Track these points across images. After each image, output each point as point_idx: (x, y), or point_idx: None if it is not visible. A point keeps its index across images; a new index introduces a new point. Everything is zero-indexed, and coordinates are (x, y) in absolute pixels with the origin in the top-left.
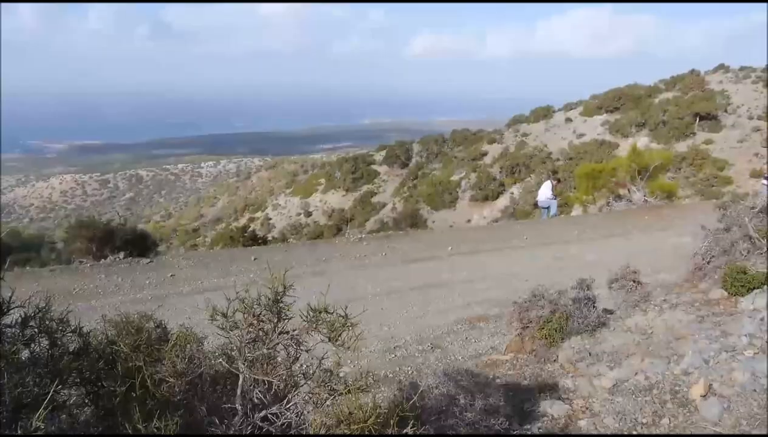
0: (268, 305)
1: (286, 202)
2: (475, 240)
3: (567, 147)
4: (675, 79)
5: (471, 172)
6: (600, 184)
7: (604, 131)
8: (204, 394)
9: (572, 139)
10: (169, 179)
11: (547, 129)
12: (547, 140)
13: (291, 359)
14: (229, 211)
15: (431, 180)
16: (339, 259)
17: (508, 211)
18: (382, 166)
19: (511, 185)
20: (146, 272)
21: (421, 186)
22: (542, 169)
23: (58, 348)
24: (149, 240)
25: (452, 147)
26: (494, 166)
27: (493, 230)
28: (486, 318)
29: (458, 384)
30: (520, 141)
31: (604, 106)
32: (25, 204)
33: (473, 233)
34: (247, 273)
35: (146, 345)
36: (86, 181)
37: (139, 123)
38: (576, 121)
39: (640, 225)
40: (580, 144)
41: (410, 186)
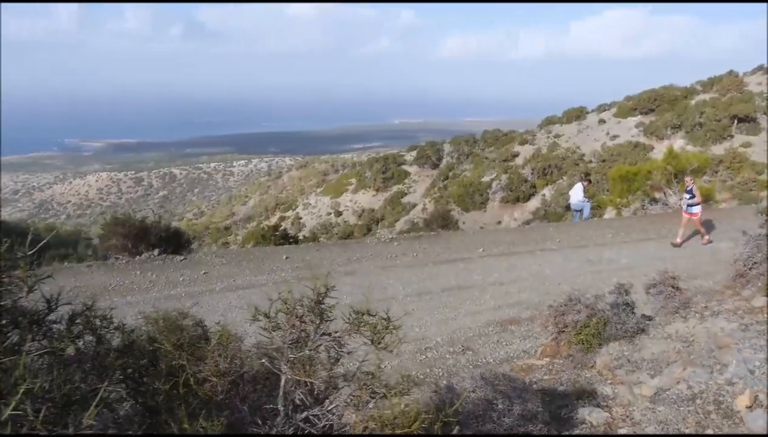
0: (310, 306)
1: (316, 201)
2: (507, 242)
3: (600, 148)
4: (712, 80)
5: (502, 173)
6: (635, 186)
7: (638, 133)
8: (245, 394)
9: (605, 140)
10: (202, 178)
11: (579, 130)
12: (580, 142)
13: (332, 361)
14: (260, 209)
15: (462, 181)
16: (370, 259)
17: (540, 213)
18: (412, 166)
19: (543, 187)
20: (180, 269)
21: (451, 187)
22: (574, 170)
23: (103, 345)
24: (183, 237)
25: (483, 147)
26: (525, 168)
27: (525, 232)
28: (518, 321)
29: (496, 388)
30: (552, 142)
31: (639, 108)
32: (63, 201)
33: (505, 235)
34: (279, 271)
35: (189, 343)
36: (121, 179)
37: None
38: (609, 122)
39: (676, 230)
40: (613, 146)
41: (441, 186)
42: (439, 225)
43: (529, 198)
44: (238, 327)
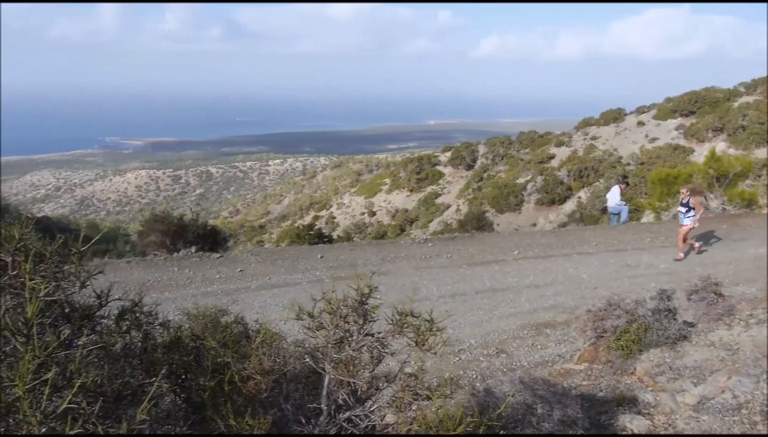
0: (353, 306)
1: (350, 201)
2: (543, 245)
3: (638, 151)
4: (756, 82)
5: (537, 174)
6: (675, 190)
7: (678, 135)
8: (288, 393)
9: (644, 143)
10: (238, 176)
11: (617, 132)
12: (618, 144)
13: (374, 361)
14: (295, 208)
15: (496, 182)
16: (404, 260)
17: (575, 216)
18: (446, 167)
19: (579, 189)
20: (216, 266)
21: (486, 188)
22: (611, 173)
23: (149, 341)
24: (219, 235)
25: (519, 149)
26: (561, 170)
27: (561, 235)
28: (553, 325)
29: (535, 392)
30: (588, 144)
31: (679, 110)
32: (103, 197)
33: (540, 237)
34: (314, 270)
35: (233, 341)
36: (160, 177)
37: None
38: (648, 124)
39: (717, 235)
40: (652, 148)
41: (475, 188)
42: (473, 226)
43: (564, 200)
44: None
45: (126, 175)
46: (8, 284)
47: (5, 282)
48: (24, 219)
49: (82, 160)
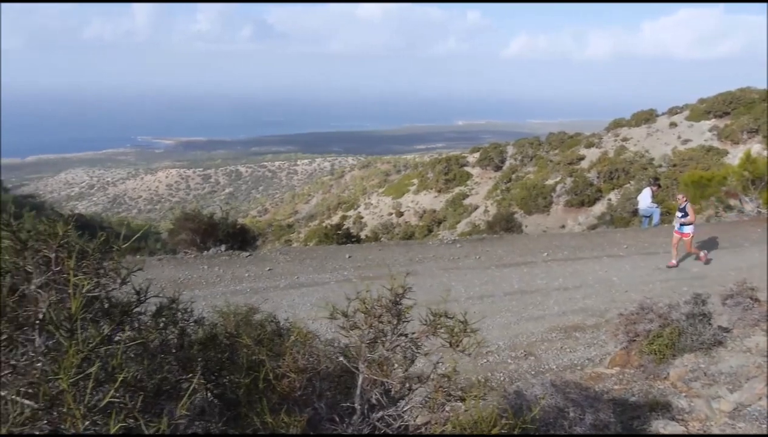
0: (387, 306)
1: (378, 201)
2: (572, 247)
3: (671, 153)
4: None
5: (567, 176)
6: (708, 192)
7: (711, 137)
8: (321, 391)
9: (676, 144)
10: (267, 176)
11: (649, 133)
12: (649, 145)
13: (407, 361)
14: (323, 208)
15: (525, 183)
16: (432, 260)
17: (605, 218)
18: (475, 167)
19: (609, 191)
20: (245, 265)
21: (514, 189)
22: (642, 175)
23: (186, 338)
24: (248, 234)
25: (548, 150)
26: (591, 171)
27: (591, 237)
28: (582, 328)
29: (567, 396)
30: (619, 145)
31: (713, 111)
32: (134, 196)
33: (570, 239)
34: (342, 270)
35: (268, 339)
36: (190, 176)
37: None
38: (681, 125)
39: (751, 238)
40: (684, 150)
41: (503, 189)
42: (502, 227)
43: (594, 202)
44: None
45: (157, 173)
46: (52, 279)
47: (49, 278)
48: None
49: (114, 158)
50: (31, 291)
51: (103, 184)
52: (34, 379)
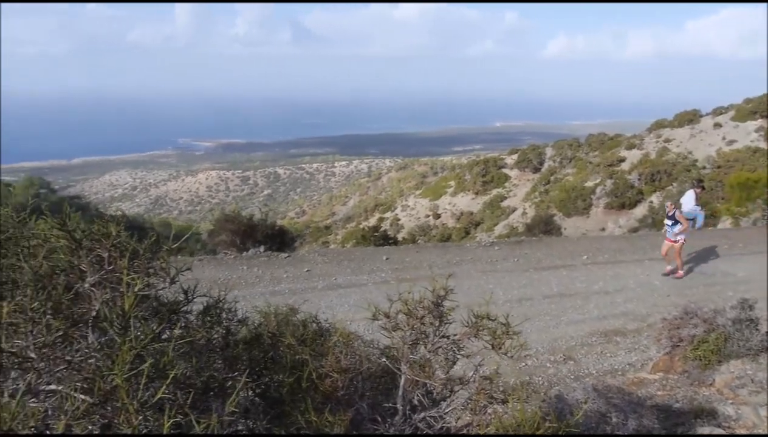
0: (429, 308)
1: (415, 203)
2: (612, 250)
3: (715, 154)
4: None
5: (607, 178)
6: (755, 194)
7: (758, 138)
8: (363, 391)
9: (721, 145)
10: (304, 177)
11: (692, 134)
12: (693, 146)
13: (449, 363)
14: (360, 210)
15: (564, 185)
16: (470, 263)
17: (647, 221)
18: (513, 169)
19: (651, 193)
20: (284, 266)
21: (553, 191)
22: (685, 177)
23: (232, 336)
24: (287, 235)
25: (587, 151)
26: (632, 173)
27: (632, 240)
28: (623, 333)
29: (609, 401)
30: (661, 147)
31: (760, 111)
32: (176, 197)
33: (610, 242)
34: (379, 272)
35: (311, 339)
36: (229, 177)
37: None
38: (726, 126)
39: None
40: (729, 151)
41: (542, 191)
42: (541, 230)
43: (635, 204)
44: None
45: (197, 175)
46: (104, 278)
47: (102, 277)
48: (119, 217)
49: (156, 160)
50: (85, 289)
51: (145, 186)
52: (88, 375)
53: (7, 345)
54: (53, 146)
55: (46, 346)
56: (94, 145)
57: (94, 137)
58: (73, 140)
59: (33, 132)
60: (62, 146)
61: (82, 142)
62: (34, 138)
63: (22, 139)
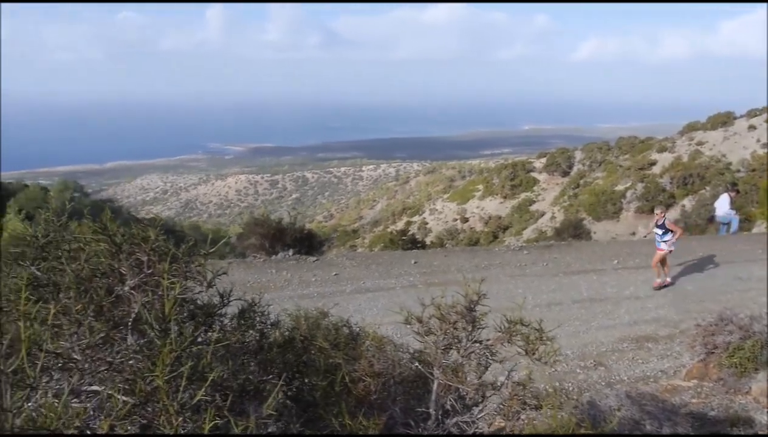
0: (462, 312)
1: (443, 206)
2: (644, 255)
3: (749, 157)
4: None
5: (638, 181)
6: None
7: None
8: (395, 396)
9: (756, 148)
10: (332, 181)
11: (726, 137)
12: (726, 149)
13: (482, 368)
14: (387, 213)
15: (594, 189)
16: (498, 267)
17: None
18: (541, 173)
19: (683, 197)
20: (312, 270)
21: (582, 195)
22: (719, 180)
23: (266, 340)
24: (315, 239)
25: (618, 155)
26: (664, 176)
27: None
28: (655, 339)
29: (642, 408)
30: (694, 150)
31: None
32: (205, 201)
33: (641, 246)
34: (407, 276)
35: (344, 343)
36: (258, 181)
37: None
38: (761, 128)
39: None
40: (764, 154)
41: (571, 195)
42: (570, 234)
43: (666, 208)
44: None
45: (227, 179)
46: (143, 282)
47: (141, 280)
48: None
49: (187, 164)
50: (125, 292)
51: (176, 189)
52: (129, 376)
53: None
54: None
55: (89, 348)
56: (126, 149)
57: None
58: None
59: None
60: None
61: (114, 147)
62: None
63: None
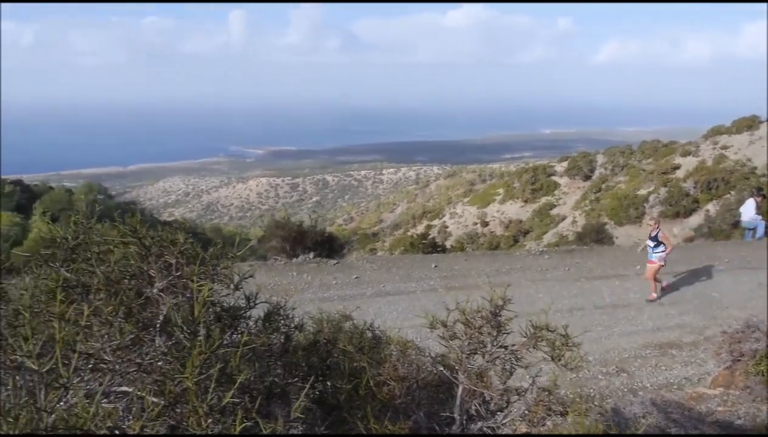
0: (487, 317)
1: (463, 210)
2: (668, 260)
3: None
4: None
5: (661, 186)
6: None
7: None
8: (420, 400)
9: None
10: (353, 184)
11: (751, 141)
12: (752, 154)
13: (507, 374)
14: (407, 217)
15: (616, 193)
16: (519, 271)
17: (702, 230)
18: (562, 177)
19: (707, 202)
20: (333, 273)
21: (604, 199)
22: (744, 185)
23: (290, 342)
24: (336, 242)
25: (640, 159)
26: (687, 181)
27: (687, 250)
28: (679, 346)
29: (668, 416)
30: (718, 154)
31: None
32: (227, 203)
33: None
34: (428, 280)
35: (369, 347)
36: (279, 184)
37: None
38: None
39: None
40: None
41: (592, 199)
42: (592, 239)
43: (690, 213)
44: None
45: (248, 182)
46: (172, 284)
47: (169, 282)
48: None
49: (208, 167)
50: (153, 294)
51: (197, 192)
52: (158, 377)
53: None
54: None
55: (119, 349)
56: (149, 152)
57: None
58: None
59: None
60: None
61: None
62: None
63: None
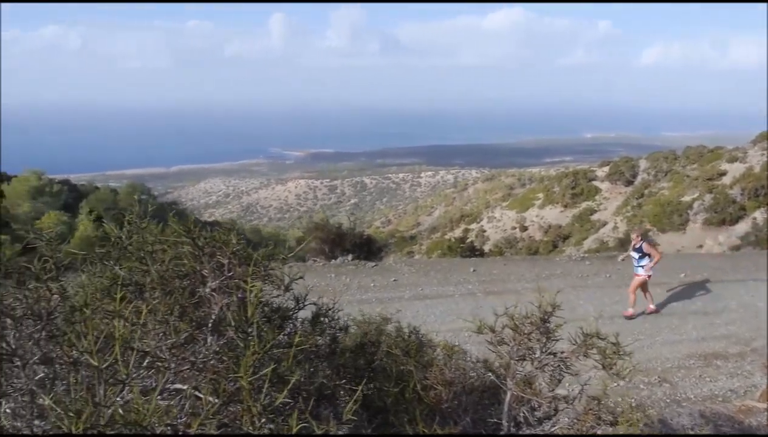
0: (536, 324)
1: (501, 214)
2: (712, 268)
3: None
4: None
5: (706, 192)
6: None
7: None
8: (466, 405)
9: None
10: (391, 187)
11: None
12: None
13: (555, 381)
14: (445, 220)
15: (659, 199)
16: (559, 277)
17: (749, 238)
18: (603, 182)
19: (754, 209)
20: (371, 275)
21: (646, 205)
22: None
23: (337, 344)
24: (374, 245)
25: (685, 164)
26: (734, 187)
27: (734, 259)
28: (725, 356)
29: (718, 429)
30: (767, 160)
31: None
32: (266, 204)
33: (709, 260)
34: (466, 284)
35: (415, 350)
36: (317, 186)
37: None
38: None
39: None
40: None
41: (634, 205)
42: None
43: (736, 221)
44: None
45: (287, 184)
46: (224, 284)
47: (222, 282)
48: (236, 226)
49: (248, 169)
50: (206, 294)
51: (237, 193)
52: (212, 376)
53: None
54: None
55: (174, 347)
56: (191, 153)
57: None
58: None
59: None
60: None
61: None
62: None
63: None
